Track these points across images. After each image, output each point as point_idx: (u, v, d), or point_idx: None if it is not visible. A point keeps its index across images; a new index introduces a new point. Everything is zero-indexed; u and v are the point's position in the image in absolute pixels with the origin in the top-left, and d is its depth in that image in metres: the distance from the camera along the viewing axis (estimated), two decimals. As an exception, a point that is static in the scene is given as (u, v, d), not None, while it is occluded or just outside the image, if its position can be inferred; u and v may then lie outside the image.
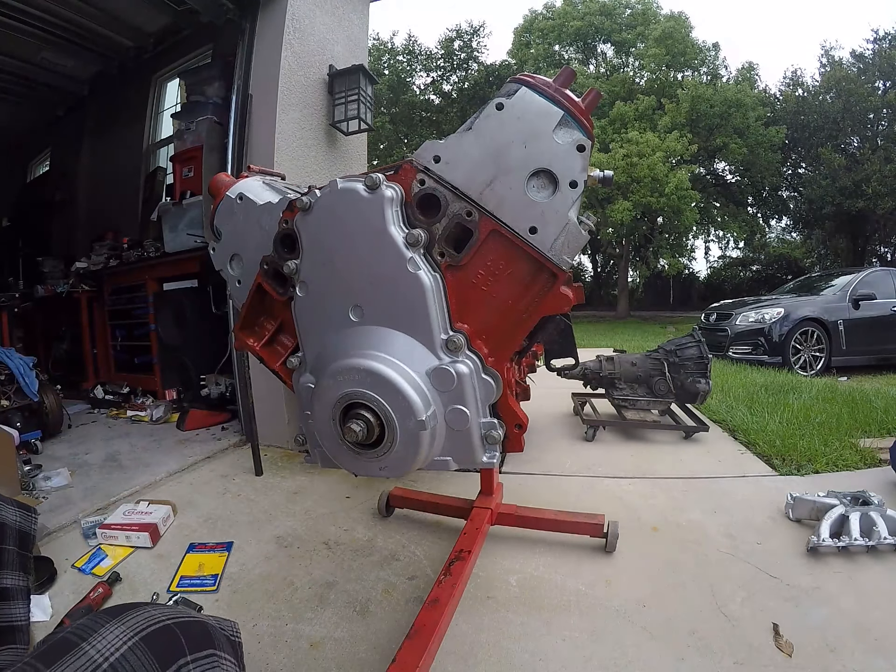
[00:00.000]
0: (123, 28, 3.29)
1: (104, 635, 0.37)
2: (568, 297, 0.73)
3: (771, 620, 1.13)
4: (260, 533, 1.59)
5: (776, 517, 1.64)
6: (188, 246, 2.82)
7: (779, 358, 5.32)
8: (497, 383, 0.75)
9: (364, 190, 0.72)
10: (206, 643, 0.40)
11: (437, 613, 1.01)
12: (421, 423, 0.70)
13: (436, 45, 20.02)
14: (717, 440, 2.49)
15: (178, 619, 0.40)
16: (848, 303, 5.62)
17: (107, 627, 0.38)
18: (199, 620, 0.42)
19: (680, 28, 16.40)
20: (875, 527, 1.41)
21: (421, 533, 1.57)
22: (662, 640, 1.09)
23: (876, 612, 1.16)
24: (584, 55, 19.02)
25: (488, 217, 0.72)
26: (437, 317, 0.72)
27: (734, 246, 22.49)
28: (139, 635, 0.38)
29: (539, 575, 1.34)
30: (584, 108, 0.74)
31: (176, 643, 0.39)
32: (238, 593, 1.29)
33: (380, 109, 17.35)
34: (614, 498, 1.82)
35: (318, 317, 0.79)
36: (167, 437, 2.55)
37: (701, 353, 2.58)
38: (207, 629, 0.41)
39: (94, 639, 0.37)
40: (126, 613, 0.40)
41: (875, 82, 15.91)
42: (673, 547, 1.47)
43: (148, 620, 0.39)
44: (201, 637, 0.40)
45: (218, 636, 0.42)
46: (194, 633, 0.40)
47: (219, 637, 0.42)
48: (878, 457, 2.11)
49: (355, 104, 2.49)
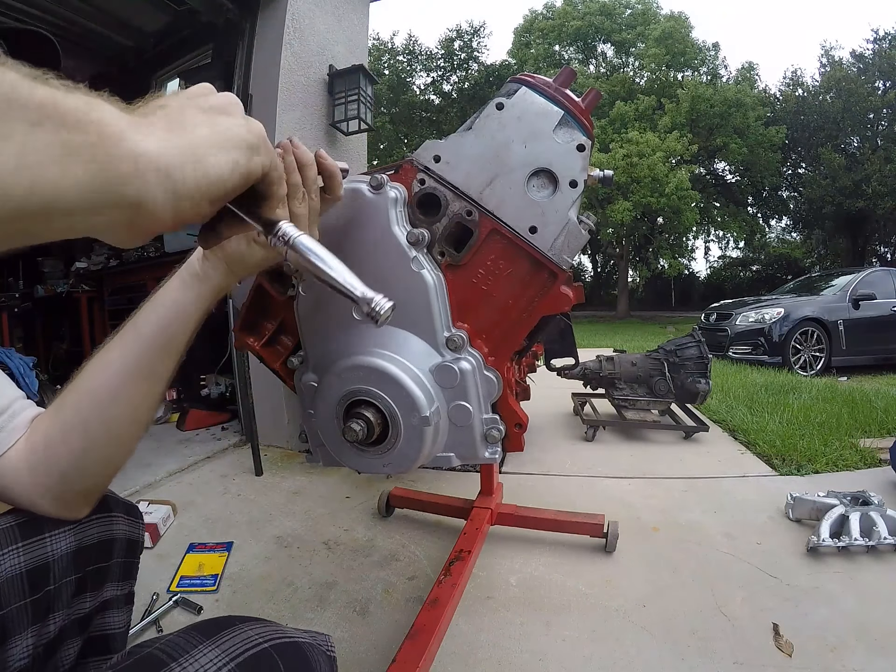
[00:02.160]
0: (123, 28, 3.29)
1: (196, 657, 0.35)
2: (568, 297, 0.73)
3: (771, 620, 1.13)
4: (260, 533, 1.59)
5: (776, 517, 1.64)
6: (188, 246, 2.81)
7: (779, 358, 5.33)
8: (498, 380, 0.75)
9: (368, 190, 0.73)
10: (304, 666, 0.38)
11: (437, 613, 1.01)
12: (425, 419, 0.70)
13: (436, 45, 20.07)
14: (717, 440, 2.49)
15: (275, 641, 0.38)
16: (848, 303, 5.63)
17: (199, 649, 0.36)
18: (295, 641, 0.40)
19: (680, 28, 16.43)
20: (875, 527, 1.41)
21: (421, 533, 1.57)
22: (662, 639, 1.09)
23: (876, 611, 1.16)
24: (584, 55, 19.04)
25: (488, 216, 0.72)
26: (439, 315, 0.73)
27: (734, 246, 22.55)
28: (235, 661, 0.35)
29: (539, 575, 1.34)
30: (584, 107, 0.74)
31: (274, 669, 0.36)
32: (238, 593, 1.29)
33: (380, 109, 17.36)
34: (614, 498, 1.82)
35: (320, 315, 0.79)
36: (167, 437, 2.55)
37: (701, 353, 2.58)
38: (304, 650, 0.40)
39: (186, 660, 0.35)
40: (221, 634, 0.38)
41: (875, 82, 15.93)
42: (673, 547, 1.47)
43: (245, 644, 0.37)
44: (300, 659, 0.39)
45: (315, 655, 0.40)
46: (291, 655, 0.38)
47: (315, 655, 0.40)
48: (878, 457, 2.11)
49: (355, 104, 2.49)
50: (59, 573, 0.47)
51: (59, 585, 0.47)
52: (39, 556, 0.46)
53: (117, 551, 0.55)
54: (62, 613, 0.48)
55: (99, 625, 0.55)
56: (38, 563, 0.45)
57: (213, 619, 0.42)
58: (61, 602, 0.48)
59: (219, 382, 2.85)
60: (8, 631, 0.42)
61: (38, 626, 0.45)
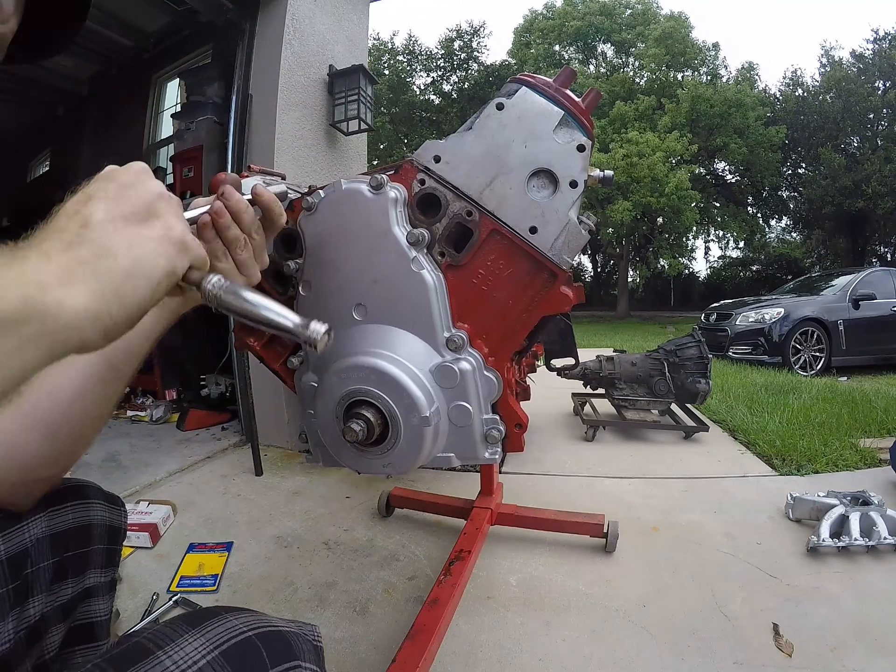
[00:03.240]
0: (123, 28, 3.30)
1: (182, 646, 0.36)
2: (568, 297, 0.73)
3: (771, 620, 1.13)
4: (260, 533, 1.59)
5: (776, 517, 1.64)
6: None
7: (779, 358, 5.33)
8: (498, 381, 0.75)
9: (369, 190, 0.72)
10: (289, 654, 0.39)
11: (437, 613, 1.01)
12: (425, 420, 0.70)
13: (436, 46, 20.08)
14: (717, 440, 2.49)
15: (260, 630, 0.39)
16: (848, 303, 5.63)
17: (185, 638, 0.36)
18: (280, 630, 0.40)
19: (680, 28, 16.43)
20: (875, 527, 1.41)
21: (421, 533, 1.57)
22: (662, 639, 1.09)
23: (876, 611, 1.16)
24: (584, 55, 19.04)
25: (488, 217, 0.72)
26: (439, 315, 0.73)
27: (734, 246, 22.54)
28: (219, 649, 0.36)
29: (539, 575, 1.34)
30: (584, 108, 0.74)
31: (257, 657, 0.37)
32: (238, 593, 1.29)
33: (380, 109, 17.37)
34: (614, 498, 1.82)
35: (321, 315, 0.79)
36: (167, 437, 2.55)
37: (701, 353, 2.58)
38: (288, 639, 0.40)
39: (172, 648, 0.35)
40: (206, 624, 0.38)
41: (875, 82, 15.94)
42: (673, 547, 1.47)
43: (229, 632, 0.38)
44: (284, 648, 0.39)
45: (300, 644, 0.40)
46: (276, 644, 0.39)
47: (301, 645, 0.40)
48: (878, 457, 2.11)
49: (355, 104, 2.49)
50: (36, 556, 0.48)
51: (36, 569, 0.48)
52: (18, 544, 0.47)
53: (97, 538, 0.56)
54: (42, 598, 0.49)
55: (84, 612, 0.55)
56: (17, 551, 0.46)
57: (201, 610, 0.43)
58: (39, 586, 0.49)
59: (219, 382, 2.85)
60: None
61: (18, 609, 0.46)
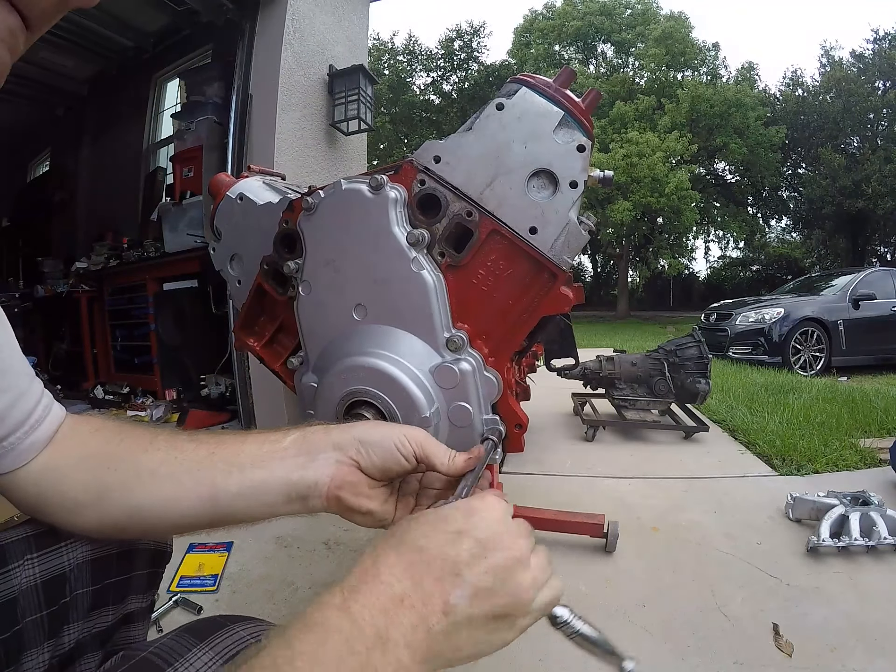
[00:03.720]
0: (123, 28, 3.30)
1: (191, 661, 0.35)
2: (568, 297, 0.73)
3: (771, 620, 1.13)
4: (260, 533, 1.59)
5: (776, 517, 1.64)
6: (188, 246, 2.82)
7: (779, 358, 5.33)
8: (498, 381, 0.75)
9: (369, 191, 0.73)
10: None
11: (437, 613, 1.01)
12: (424, 420, 0.70)
13: (436, 46, 20.08)
14: (717, 440, 2.49)
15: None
16: (848, 303, 5.63)
17: (193, 652, 0.36)
18: None
19: (680, 28, 16.43)
20: (875, 527, 1.41)
21: (421, 533, 1.57)
22: (662, 639, 1.09)
23: (876, 612, 1.16)
24: (584, 55, 19.04)
25: (488, 217, 0.72)
26: (439, 315, 0.73)
27: (734, 246, 22.54)
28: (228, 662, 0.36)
29: (539, 575, 1.34)
30: (584, 108, 0.74)
31: None
32: (238, 593, 1.29)
33: (380, 109, 17.36)
34: (614, 498, 1.82)
35: (321, 316, 0.79)
36: (167, 437, 2.54)
37: (701, 353, 2.58)
38: None
39: (180, 664, 0.35)
40: (214, 636, 0.38)
41: (875, 82, 15.93)
42: (673, 547, 1.47)
43: (237, 644, 0.37)
44: None
45: None
46: None
47: None
48: (878, 457, 2.11)
49: (355, 104, 2.50)
50: (75, 583, 0.45)
51: (74, 596, 0.45)
52: (56, 567, 0.44)
53: (141, 562, 0.53)
54: (78, 626, 0.46)
55: (122, 638, 0.52)
56: (54, 574, 0.43)
57: (204, 620, 0.42)
58: (76, 613, 0.45)
59: (219, 382, 2.85)
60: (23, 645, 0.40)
61: (54, 640, 0.43)
